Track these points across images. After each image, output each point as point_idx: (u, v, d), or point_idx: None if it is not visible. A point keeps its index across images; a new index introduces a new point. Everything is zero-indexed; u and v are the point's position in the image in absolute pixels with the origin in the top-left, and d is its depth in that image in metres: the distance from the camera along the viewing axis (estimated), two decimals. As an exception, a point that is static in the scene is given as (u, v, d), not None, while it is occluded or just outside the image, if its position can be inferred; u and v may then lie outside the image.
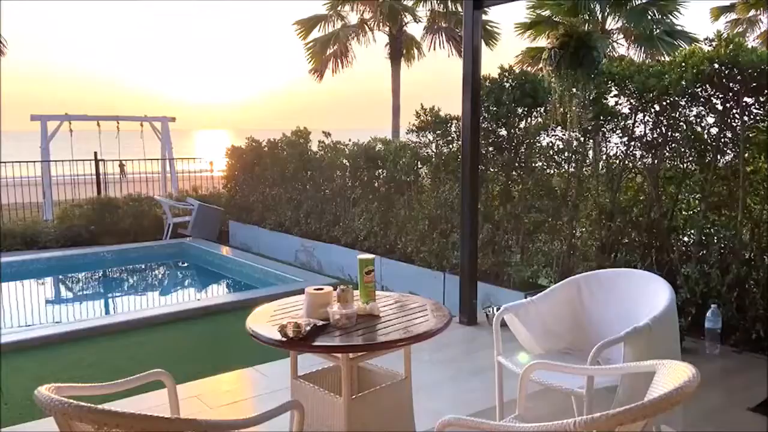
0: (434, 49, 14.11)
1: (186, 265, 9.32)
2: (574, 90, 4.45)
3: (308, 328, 2.23)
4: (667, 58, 7.45)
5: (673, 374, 1.75)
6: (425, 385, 3.52)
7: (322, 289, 2.52)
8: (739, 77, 4.16)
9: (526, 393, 2.40)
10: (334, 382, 2.61)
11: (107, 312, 7.16)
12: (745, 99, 4.22)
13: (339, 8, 14.13)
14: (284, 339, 2.21)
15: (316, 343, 2.22)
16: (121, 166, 11.31)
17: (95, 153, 10.86)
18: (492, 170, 6.00)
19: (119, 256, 8.83)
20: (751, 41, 15.02)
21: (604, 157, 5.26)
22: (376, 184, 7.53)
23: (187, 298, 7.78)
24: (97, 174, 10.86)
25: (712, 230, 4.49)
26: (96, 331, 5.33)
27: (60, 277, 8.37)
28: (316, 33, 14.22)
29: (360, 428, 2.38)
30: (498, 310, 3.02)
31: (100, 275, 8.59)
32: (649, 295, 2.83)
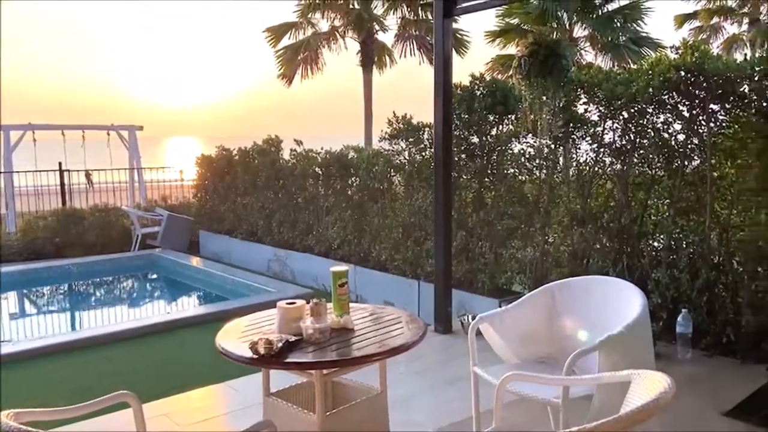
0: (405, 56, 14.15)
1: (155, 277, 9.13)
2: (544, 98, 4.48)
3: (280, 344, 2.18)
4: (634, 66, 7.58)
5: (648, 385, 1.75)
6: (401, 397, 3.47)
7: (294, 302, 2.47)
8: (704, 84, 4.23)
9: (502, 403, 2.38)
10: (308, 398, 2.55)
11: (74, 327, 6.96)
12: (711, 106, 4.30)
13: (309, 15, 14.07)
14: (255, 356, 2.15)
15: (288, 360, 2.17)
16: (88, 176, 11.05)
17: (60, 163, 10.60)
18: (465, 177, 6.01)
19: (86, 268, 8.60)
20: (715, 48, 15.43)
21: (574, 163, 5.30)
22: (349, 192, 7.48)
23: (156, 312, 7.61)
24: (62, 184, 10.59)
25: (681, 235, 4.55)
26: (62, 347, 5.17)
27: (24, 291, 8.11)
28: (287, 40, 14.15)
29: (335, 445, 2.33)
30: (473, 318, 3.01)
31: (66, 289, 8.36)
32: (622, 302, 2.84)
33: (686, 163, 4.56)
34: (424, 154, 6.40)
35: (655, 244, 4.79)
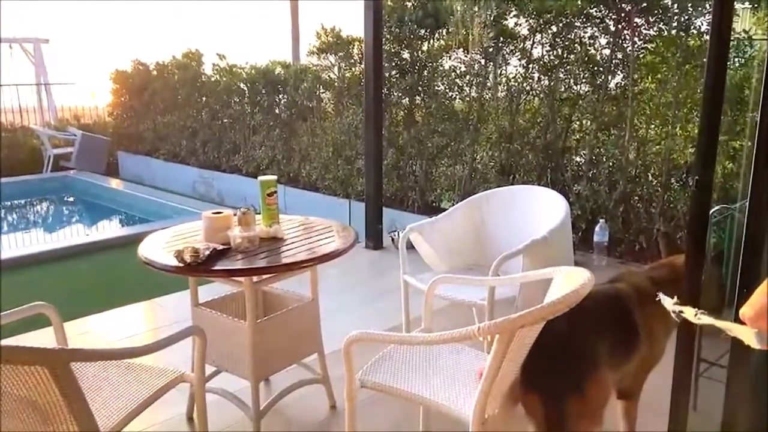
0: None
1: (72, 199, 8.67)
2: (476, 8, 4.40)
3: (207, 252, 2.11)
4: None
5: (569, 278, 1.82)
6: (334, 309, 3.51)
7: (221, 212, 2.39)
8: (631, -3, 4.27)
9: (432, 309, 2.44)
10: (238, 309, 2.53)
11: (-16, 253, 6.56)
12: (636, 20, 4.35)
13: None
14: (181, 264, 2.08)
15: (216, 268, 2.11)
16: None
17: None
18: (395, 94, 5.92)
19: (-7, 191, 8.03)
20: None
21: (503, 80, 5.31)
22: (277, 111, 7.25)
23: (75, 235, 7.27)
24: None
25: (602, 149, 4.71)
26: (-29, 273, 4.87)
27: (-76, 217, 7.53)
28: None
29: (266, 353, 2.33)
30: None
31: (-28, 214, 7.81)
32: (546, 210, 2.94)
33: (610, 78, 4.66)
34: (353, 70, 6.23)
35: (577, 159, 4.96)
